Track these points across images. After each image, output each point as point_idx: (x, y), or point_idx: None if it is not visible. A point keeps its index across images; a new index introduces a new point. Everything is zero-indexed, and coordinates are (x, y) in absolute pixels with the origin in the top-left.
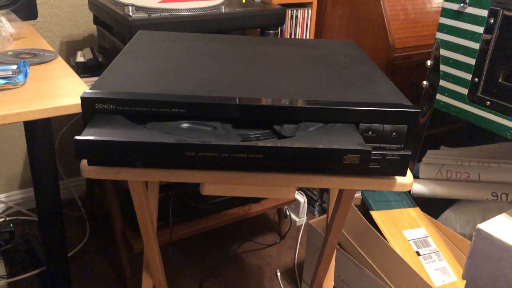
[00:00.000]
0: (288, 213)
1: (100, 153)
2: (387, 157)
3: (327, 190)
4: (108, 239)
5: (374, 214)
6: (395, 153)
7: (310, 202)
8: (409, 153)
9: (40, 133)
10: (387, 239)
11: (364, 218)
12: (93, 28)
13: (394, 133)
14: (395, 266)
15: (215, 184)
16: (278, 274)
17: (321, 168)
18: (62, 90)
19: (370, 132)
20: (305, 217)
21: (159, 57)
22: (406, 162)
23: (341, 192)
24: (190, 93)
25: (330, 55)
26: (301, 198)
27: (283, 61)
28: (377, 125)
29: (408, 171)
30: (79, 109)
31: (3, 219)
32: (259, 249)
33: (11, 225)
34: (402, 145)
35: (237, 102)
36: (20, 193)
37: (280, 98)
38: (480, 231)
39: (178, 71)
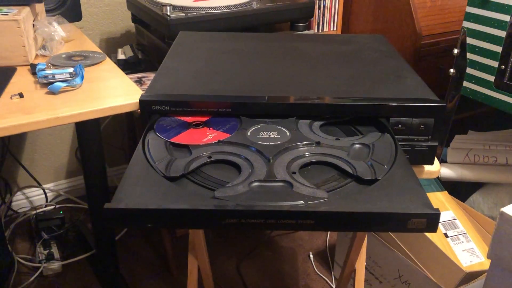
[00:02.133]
0: None
1: (131, 221)
2: (415, 148)
3: None
4: None
5: None
6: (423, 144)
7: None
8: (436, 143)
9: (90, 127)
10: None
11: None
12: (130, 26)
13: (422, 126)
14: (424, 247)
15: None
16: (311, 256)
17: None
18: (115, 90)
19: (399, 125)
20: None
21: (201, 58)
22: (433, 152)
23: None
24: (232, 93)
25: (360, 51)
26: None
27: (317, 58)
28: (406, 118)
29: (436, 160)
30: (133, 108)
31: (53, 206)
32: (292, 232)
33: (61, 212)
34: (430, 137)
35: (287, 101)
36: (66, 182)
37: (318, 96)
38: (503, 214)
39: (220, 71)
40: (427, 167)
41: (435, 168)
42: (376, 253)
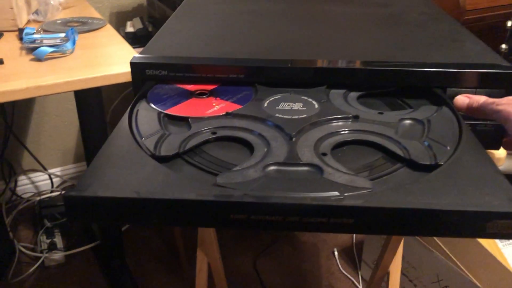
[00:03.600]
0: None
1: (99, 214)
2: (477, 128)
3: None
4: None
5: None
6: (488, 123)
7: None
8: None
9: (92, 105)
10: None
11: None
12: None
13: None
14: (468, 248)
15: None
16: (335, 253)
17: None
18: (111, 58)
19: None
20: None
21: (211, 19)
22: (500, 134)
23: None
24: (248, 56)
25: (402, 13)
26: None
27: (350, 21)
28: (467, 89)
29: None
30: (130, 78)
31: (58, 192)
32: None
33: None
34: None
35: (311, 65)
36: (74, 167)
37: (355, 60)
38: None
39: (232, 33)
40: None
41: (501, 154)
42: (411, 253)
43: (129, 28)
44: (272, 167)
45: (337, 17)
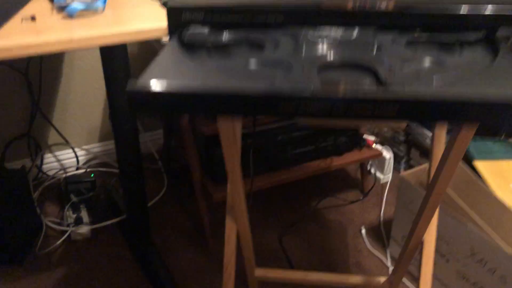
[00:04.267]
0: (372, 170)
1: (159, 106)
2: None
3: (415, 146)
4: (186, 192)
5: (478, 164)
6: None
7: (396, 159)
8: None
9: (119, 73)
10: (493, 192)
11: (466, 168)
12: None
13: None
14: (504, 220)
15: None
16: (363, 231)
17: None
18: (142, 16)
19: (510, 42)
20: (391, 174)
21: None
22: None
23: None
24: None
25: None
26: (386, 153)
27: None
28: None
29: None
30: (162, 33)
31: (84, 170)
32: (341, 206)
33: (92, 175)
34: None
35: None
36: (99, 146)
37: None
38: None
39: None
40: None
41: None
42: (443, 228)
43: None
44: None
45: None
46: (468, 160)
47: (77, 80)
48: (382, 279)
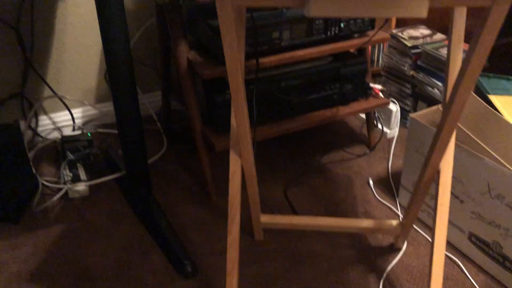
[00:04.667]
0: (379, 125)
1: None
2: None
3: (422, 98)
4: (185, 151)
5: (493, 98)
6: None
7: (402, 114)
8: None
9: (116, 30)
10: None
11: (481, 100)
12: None
13: None
14: None
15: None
16: (371, 182)
17: None
18: None
19: None
20: (397, 129)
21: None
22: None
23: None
24: None
25: None
26: (393, 106)
27: None
28: None
29: None
30: None
31: (80, 131)
32: (347, 160)
33: (89, 134)
34: None
35: None
36: (96, 107)
37: None
38: None
39: None
40: None
41: None
42: (458, 166)
43: None
44: None
45: None
46: (482, 96)
47: (69, 36)
48: (395, 222)
